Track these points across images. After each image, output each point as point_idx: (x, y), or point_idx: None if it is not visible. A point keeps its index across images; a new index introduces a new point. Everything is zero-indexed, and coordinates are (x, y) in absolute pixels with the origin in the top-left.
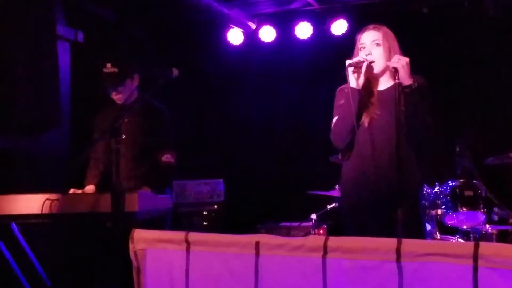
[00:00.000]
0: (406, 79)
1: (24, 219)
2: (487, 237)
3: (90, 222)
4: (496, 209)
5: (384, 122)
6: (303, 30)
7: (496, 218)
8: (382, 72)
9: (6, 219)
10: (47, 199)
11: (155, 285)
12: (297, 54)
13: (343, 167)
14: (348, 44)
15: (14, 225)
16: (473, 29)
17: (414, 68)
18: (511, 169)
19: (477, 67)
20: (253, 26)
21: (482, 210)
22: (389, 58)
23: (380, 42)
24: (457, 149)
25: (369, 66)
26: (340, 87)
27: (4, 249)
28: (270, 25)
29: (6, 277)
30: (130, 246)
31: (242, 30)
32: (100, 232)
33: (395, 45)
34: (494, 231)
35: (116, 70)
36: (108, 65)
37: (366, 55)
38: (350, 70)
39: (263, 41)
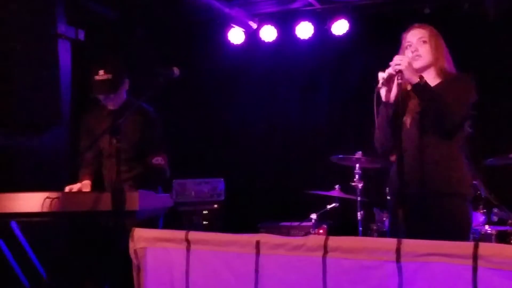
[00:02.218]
0: (412, 78)
1: (24, 217)
2: (486, 238)
3: (90, 221)
4: (495, 210)
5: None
6: (304, 30)
7: (495, 219)
8: (426, 68)
9: (6, 217)
10: (47, 197)
11: (155, 283)
12: (298, 54)
13: (391, 168)
14: (349, 44)
15: (14, 223)
16: (474, 30)
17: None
18: (511, 170)
19: (477, 68)
20: (254, 25)
21: (481, 211)
22: (436, 54)
23: (427, 39)
24: None
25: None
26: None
27: (4, 247)
28: (271, 25)
29: (6, 275)
30: (130, 244)
31: (243, 30)
32: (100, 231)
33: (441, 42)
34: (494, 232)
35: (109, 76)
36: (101, 72)
37: (413, 53)
38: (381, 86)
39: (264, 41)
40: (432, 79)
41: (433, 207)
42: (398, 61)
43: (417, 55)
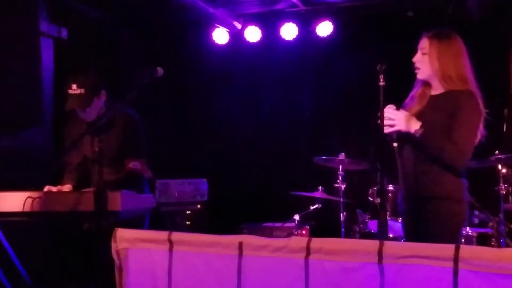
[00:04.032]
0: (409, 129)
1: (5, 217)
2: (467, 240)
3: (72, 221)
4: (476, 213)
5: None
6: (289, 31)
7: (476, 221)
8: (430, 78)
9: None
10: (29, 197)
11: (137, 284)
12: (282, 55)
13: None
14: (333, 46)
15: None
16: (458, 32)
17: (395, 71)
18: (491, 172)
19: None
20: (238, 26)
21: None
22: (436, 66)
23: (427, 51)
24: None
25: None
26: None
27: None
28: (256, 25)
29: None
30: (113, 245)
31: (228, 30)
32: (82, 231)
33: (449, 53)
34: (475, 234)
35: (82, 91)
36: (74, 86)
37: (414, 63)
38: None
39: (249, 41)
40: (435, 88)
41: (427, 209)
42: (394, 123)
43: (416, 68)
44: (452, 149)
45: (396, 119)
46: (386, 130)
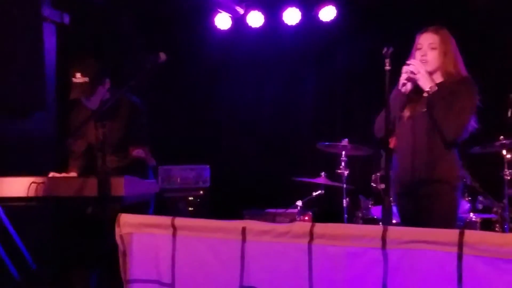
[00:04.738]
0: (425, 84)
1: (9, 202)
2: (471, 226)
3: (76, 206)
4: (480, 198)
5: (425, 116)
6: (291, 16)
7: (480, 206)
8: (433, 72)
9: None
10: (33, 182)
11: (141, 269)
12: (285, 40)
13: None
14: (336, 30)
15: None
16: (462, 16)
17: (401, 55)
18: (495, 158)
19: (465, 56)
20: (241, 11)
21: (466, 199)
22: (444, 61)
23: (437, 45)
24: None
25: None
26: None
27: None
28: (258, 10)
29: None
30: (116, 230)
31: (230, 15)
32: (86, 216)
33: (451, 48)
34: (478, 220)
35: (86, 80)
36: (78, 74)
37: (421, 57)
38: (402, 77)
39: (251, 26)
40: (436, 79)
41: (422, 193)
42: (416, 69)
43: (424, 60)
44: (452, 117)
45: (420, 71)
46: (402, 85)
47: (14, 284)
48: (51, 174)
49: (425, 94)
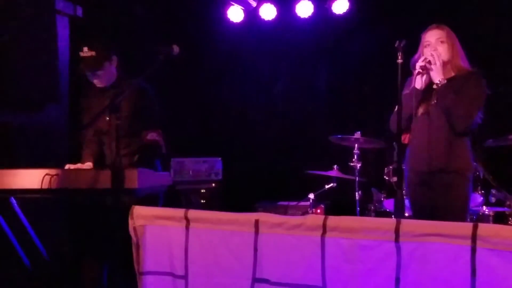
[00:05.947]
0: (436, 77)
1: (23, 194)
2: (484, 219)
3: (90, 198)
4: (493, 191)
5: (438, 111)
6: (304, 9)
7: (493, 200)
8: (446, 64)
9: (5, 193)
10: (47, 174)
11: (154, 260)
12: (297, 33)
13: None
14: (349, 23)
15: (13, 200)
16: (473, 9)
17: (413, 49)
18: (509, 151)
19: (475, 51)
20: (253, 3)
21: (480, 192)
22: (452, 53)
23: (444, 39)
24: None
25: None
26: (410, 77)
27: (3, 224)
28: (271, 3)
29: (5, 251)
30: (130, 222)
31: (243, 8)
32: (100, 208)
33: (457, 42)
34: (491, 213)
35: (93, 53)
36: (85, 48)
37: (432, 52)
38: (417, 71)
39: (264, 19)
40: (447, 73)
41: (439, 183)
42: (433, 60)
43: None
44: (461, 107)
45: (437, 63)
46: (417, 73)
47: (27, 275)
48: (67, 166)
49: (434, 86)
